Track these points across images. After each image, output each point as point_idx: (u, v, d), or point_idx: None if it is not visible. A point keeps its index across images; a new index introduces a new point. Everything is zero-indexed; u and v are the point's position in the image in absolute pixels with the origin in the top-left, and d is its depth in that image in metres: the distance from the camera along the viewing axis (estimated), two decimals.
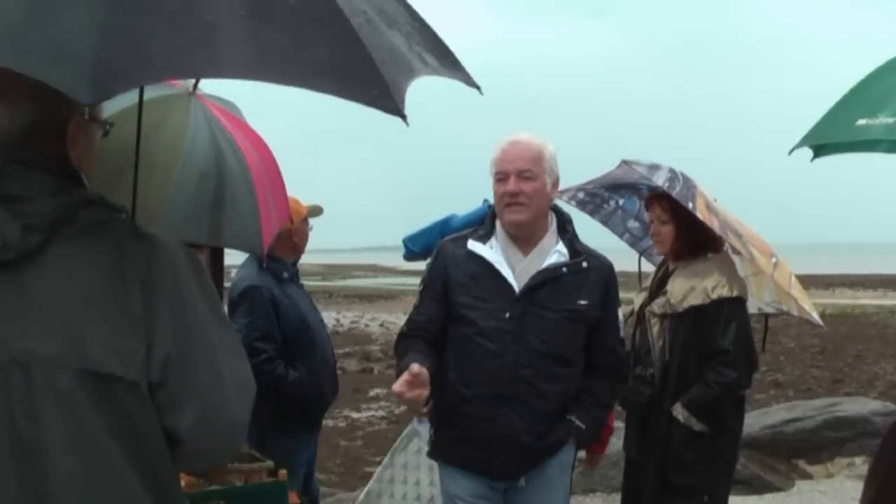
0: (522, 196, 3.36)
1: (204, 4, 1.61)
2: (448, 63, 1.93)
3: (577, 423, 3.43)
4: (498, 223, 3.49)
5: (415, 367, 3.03)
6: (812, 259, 57.60)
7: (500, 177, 3.41)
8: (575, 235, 3.58)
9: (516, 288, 3.37)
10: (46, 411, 1.70)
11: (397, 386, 3.04)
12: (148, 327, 1.75)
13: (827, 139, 3.37)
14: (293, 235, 4.59)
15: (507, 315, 3.34)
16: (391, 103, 1.65)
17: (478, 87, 1.99)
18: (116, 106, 2.68)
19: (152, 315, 1.76)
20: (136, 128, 2.74)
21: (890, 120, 3.04)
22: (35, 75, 1.55)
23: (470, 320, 3.37)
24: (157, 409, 1.78)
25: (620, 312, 3.68)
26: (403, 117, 1.66)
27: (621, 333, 3.64)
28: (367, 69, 1.65)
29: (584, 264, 3.45)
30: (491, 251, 3.43)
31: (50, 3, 1.57)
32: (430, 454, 3.63)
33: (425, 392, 3.06)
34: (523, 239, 3.45)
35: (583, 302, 3.41)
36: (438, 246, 3.58)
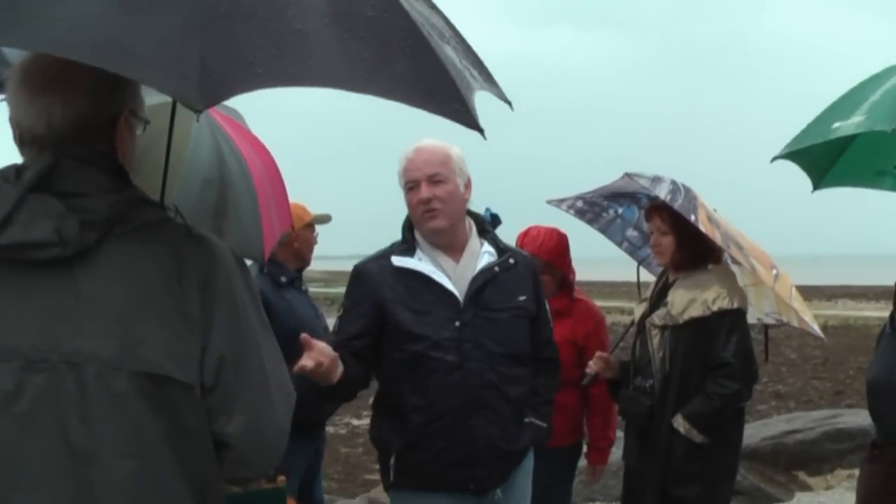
0: (436, 201, 3.23)
1: (293, 12, 1.60)
2: (486, 77, 1.92)
3: (538, 423, 3.39)
4: (418, 234, 3.36)
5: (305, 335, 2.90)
6: (815, 270, 57.52)
7: (411, 185, 3.27)
8: (494, 234, 3.53)
9: (458, 295, 3.26)
10: (100, 414, 1.66)
11: (303, 360, 2.86)
12: (203, 329, 1.73)
13: (805, 143, 3.48)
14: (294, 240, 4.57)
15: (458, 323, 3.22)
16: (470, 118, 1.66)
17: (509, 102, 1.97)
18: None
19: (209, 317, 1.74)
20: (167, 138, 2.70)
21: (860, 118, 3.12)
22: (144, 81, 1.53)
23: (419, 335, 3.21)
24: (207, 413, 1.75)
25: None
26: (481, 131, 1.67)
27: (551, 325, 3.60)
28: (447, 83, 1.66)
29: (512, 260, 3.40)
30: (420, 263, 3.29)
31: (143, 3, 1.53)
32: (394, 483, 3.33)
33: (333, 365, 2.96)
34: (448, 246, 3.34)
35: (522, 297, 3.38)
36: (358, 269, 3.40)
